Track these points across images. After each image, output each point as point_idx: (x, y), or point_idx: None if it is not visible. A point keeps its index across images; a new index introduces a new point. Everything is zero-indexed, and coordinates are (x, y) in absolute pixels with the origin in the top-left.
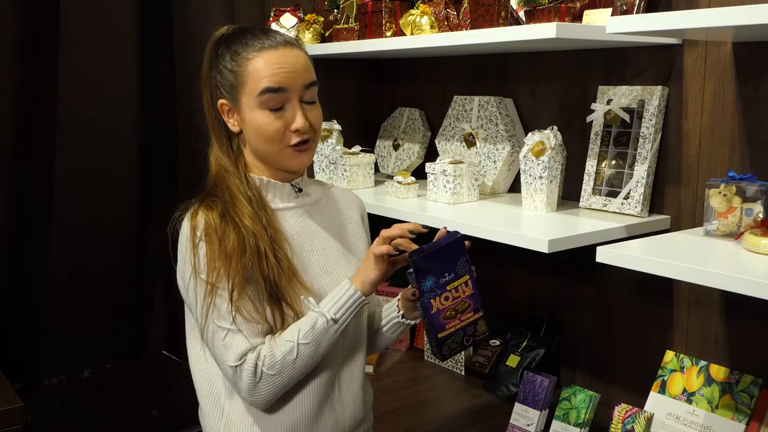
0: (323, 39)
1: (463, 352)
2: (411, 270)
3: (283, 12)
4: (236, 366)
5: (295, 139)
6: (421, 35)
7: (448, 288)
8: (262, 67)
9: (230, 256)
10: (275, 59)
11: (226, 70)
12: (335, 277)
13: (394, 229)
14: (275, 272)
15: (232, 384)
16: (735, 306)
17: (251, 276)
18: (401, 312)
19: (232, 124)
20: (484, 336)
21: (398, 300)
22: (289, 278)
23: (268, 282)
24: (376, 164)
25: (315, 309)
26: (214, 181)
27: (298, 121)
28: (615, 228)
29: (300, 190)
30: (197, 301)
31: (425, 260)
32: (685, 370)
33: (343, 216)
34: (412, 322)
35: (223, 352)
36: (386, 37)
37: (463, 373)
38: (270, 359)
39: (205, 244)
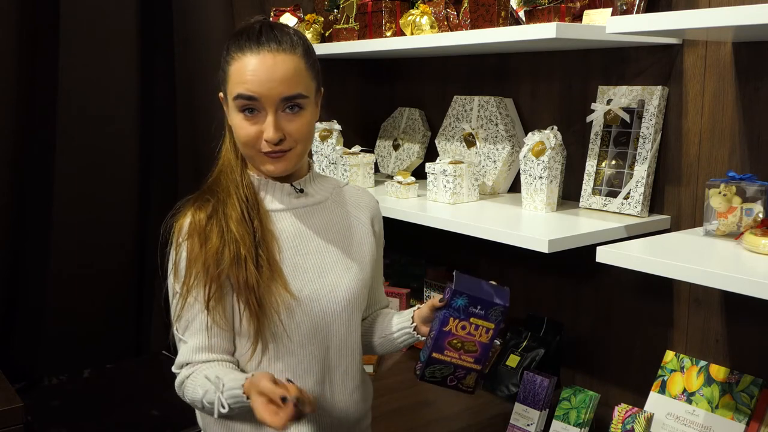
0: (323, 39)
1: None
2: (452, 284)
3: (283, 12)
4: (174, 372)
5: (266, 148)
6: (421, 35)
7: (471, 320)
8: (239, 70)
9: (207, 264)
10: (254, 64)
11: (221, 66)
12: (329, 281)
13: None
14: (254, 280)
15: None
16: (735, 306)
17: (227, 284)
18: (414, 324)
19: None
20: (467, 391)
21: (414, 311)
22: (269, 285)
23: (244, 290)
24: (376, 164)
25: (219, 389)
26: (217, 174)
27: (267, 132)
28: (615, 228)
29: (301, 191)
30: (170, 298)
31: (469, 281)
32: (685, 370)
33: (350, 217)
34: (421, 337)
35: (177, 353)
36: (386, 37)
37: None
38: (184, 389)
39: (186, 247)
